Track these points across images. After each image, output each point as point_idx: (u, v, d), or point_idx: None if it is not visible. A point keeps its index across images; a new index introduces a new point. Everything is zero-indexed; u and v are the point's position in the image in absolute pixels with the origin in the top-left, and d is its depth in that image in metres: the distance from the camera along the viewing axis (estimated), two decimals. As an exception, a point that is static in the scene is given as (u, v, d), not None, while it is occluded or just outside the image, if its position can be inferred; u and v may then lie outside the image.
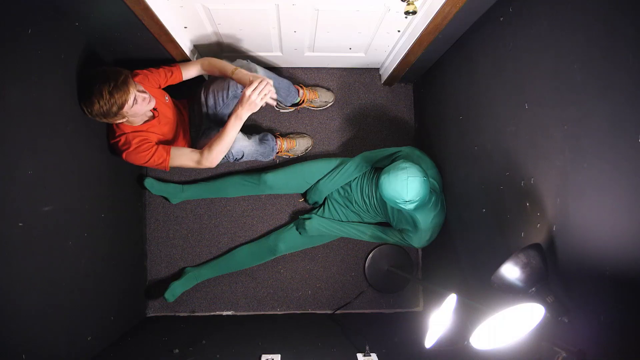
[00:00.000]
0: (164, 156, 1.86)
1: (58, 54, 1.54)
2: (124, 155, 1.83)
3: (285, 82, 2.18)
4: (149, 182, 2.28)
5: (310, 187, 2.25)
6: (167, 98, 1.99)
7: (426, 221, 1.91)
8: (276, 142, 2.27)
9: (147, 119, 1.87)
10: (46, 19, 1.47)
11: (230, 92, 2.04)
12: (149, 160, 1.84)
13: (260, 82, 1.79)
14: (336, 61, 2.37)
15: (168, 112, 1.97)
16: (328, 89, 2.45)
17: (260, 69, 2.02)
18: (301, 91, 2.32)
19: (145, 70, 1.87)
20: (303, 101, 2.35)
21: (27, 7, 1.36)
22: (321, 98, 2.39)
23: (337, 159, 2.21)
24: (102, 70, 1.63)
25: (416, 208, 1.80)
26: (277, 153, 2.32)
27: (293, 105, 2.36)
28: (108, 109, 1.61)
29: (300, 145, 2.37)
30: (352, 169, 2.13)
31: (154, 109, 1.86)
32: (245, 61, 2.04)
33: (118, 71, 1.64)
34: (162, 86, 1.95)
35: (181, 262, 2.39)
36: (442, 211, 1.96)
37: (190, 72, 1.99)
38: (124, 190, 2.13)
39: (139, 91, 1.70)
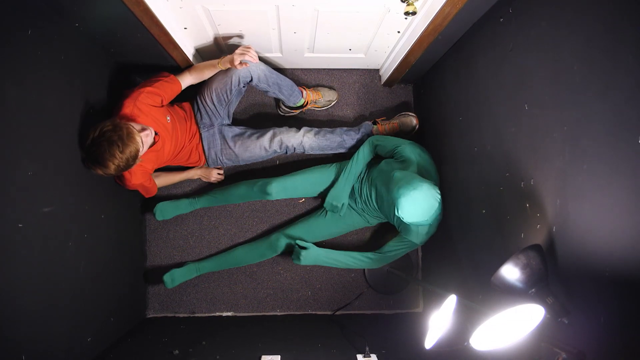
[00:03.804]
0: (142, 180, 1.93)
1: (58, 55, 1.55)
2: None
3: (288, 81, 2.17)
4: (159, 211, 2.28)
5: (328, 201, 2.21)
6: (168, 118, 1.96)
7: None
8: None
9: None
10: (46, 20, 1.47)
11: (233, 87, 2.04)
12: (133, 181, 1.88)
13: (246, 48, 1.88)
14: (336, 62, 2.38)
15: (167, 137, 1.95)
16: (331, 87, 2.44)
17: (263, 66, 2.03)
18: (305, 92, 2.31)
19: (150, 88, 1.85)
20: (307, 103, 2.35)
21: (27, 9, 1.37)
22: (325, 97, 2.39)
23: (335, 164, 2.22)
24: (101, 134, 1.58)
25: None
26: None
27: (297, 108, 2.36)
28: (126, 164, 1.64)
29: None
30: (364, 155, 2.14)
31: (155, 133, 1.85)
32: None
33: (117, 126, 1.60)
34: (167, 102, 1.96)
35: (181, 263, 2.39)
36: (439, 206, 1.95)
37: (185, 80, 2.02)
38: (124, 191, 2.13)
39: (140, 131, 1.69)
